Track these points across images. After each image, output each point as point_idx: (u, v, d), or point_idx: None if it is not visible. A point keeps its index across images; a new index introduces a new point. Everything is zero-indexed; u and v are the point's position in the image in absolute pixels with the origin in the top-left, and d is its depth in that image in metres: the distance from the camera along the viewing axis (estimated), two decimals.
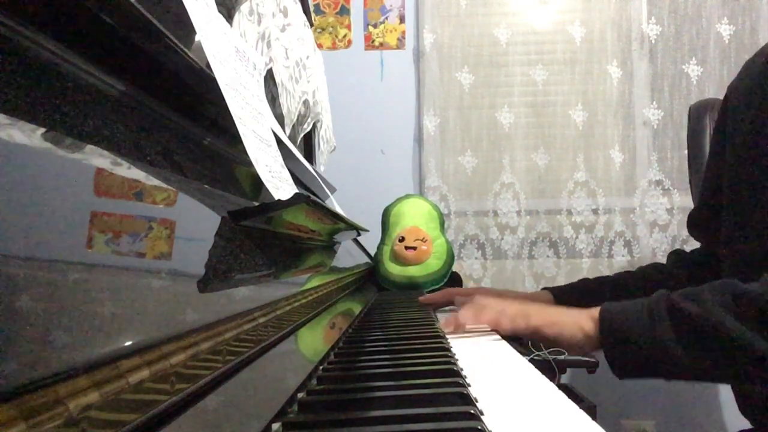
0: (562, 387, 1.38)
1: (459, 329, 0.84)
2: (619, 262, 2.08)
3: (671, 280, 1.10)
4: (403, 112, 2.17)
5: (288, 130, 1.00)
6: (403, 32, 2.17)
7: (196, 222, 0.42)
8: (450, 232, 2.09)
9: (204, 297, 0.35)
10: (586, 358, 1.66)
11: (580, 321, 0.81)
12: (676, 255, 1.17)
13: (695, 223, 1.12)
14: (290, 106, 1.01)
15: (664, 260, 2.14)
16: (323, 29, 2.16)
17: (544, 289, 1.16)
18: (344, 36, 2.17)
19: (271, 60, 0.90)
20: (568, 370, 1.71)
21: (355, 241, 1.57)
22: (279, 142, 0.67)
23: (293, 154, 0.81)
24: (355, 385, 0.49)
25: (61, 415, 0.19)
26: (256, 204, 0.51)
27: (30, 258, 0.22)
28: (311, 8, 1.94)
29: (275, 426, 0.38)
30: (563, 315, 0.84)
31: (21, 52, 0.31)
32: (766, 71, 0.89)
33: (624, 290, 1.10)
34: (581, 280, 1.19)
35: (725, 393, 2.06)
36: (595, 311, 0.81)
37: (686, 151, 1.65)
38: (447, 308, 1.16)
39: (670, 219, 2.09)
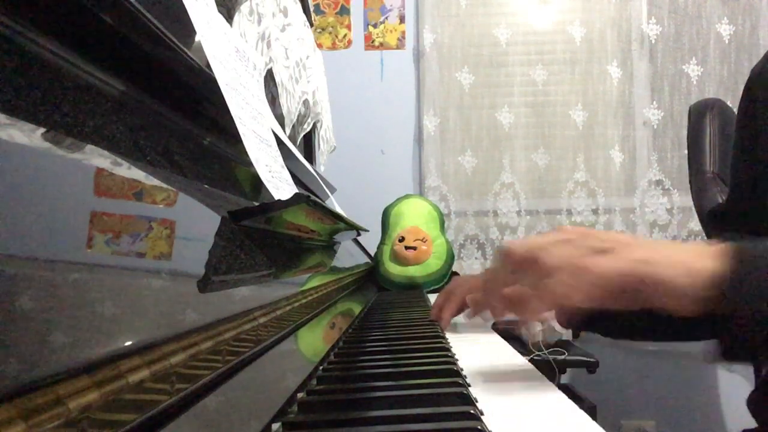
0: (562, 387, 1.38)
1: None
2: None
3: None
4: (403, 112, 2.17)
5: (288, 130, 1.00)
6: (403, 32, 2.17)
7: (196, 222, 0.42)
8: (450, 232, 2.09)
9: (204, 297, 0.35)
10: (586, 358, 1.66)
11: (690, 259, 0.50)
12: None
13: (719, 221, 0.95)
14: (290, 106, 1.01)
15: None
16: (323, 29, 2.16)
17: None
18: (344, 36, 2.17)
19: (271, 60, 0.90)
20: (568, 370, 1.71)
21: (355, 241, 1.57)
22: (279, 142, 0.67)
23: (293, 154, 0.81)
24: (355, 385, 0.49)
25: (61, 415, 0.19)
26: (256, 204, 0.51)
27: (30, 258, 0.22)
28: (311, 8, 1.94)
29: (275, 426, 0.38)
30: (665, 250, 0.51)
31: (21, 52, 0.31)
32: None
33: None
34: None
35: (725, 393, 2.06)
36: (719, 247, 0.50)
37: (686, 151, 1.65)
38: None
39: (670, 219, 2.09)
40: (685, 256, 0.51)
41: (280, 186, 0.55)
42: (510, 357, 0.69)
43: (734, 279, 0.48)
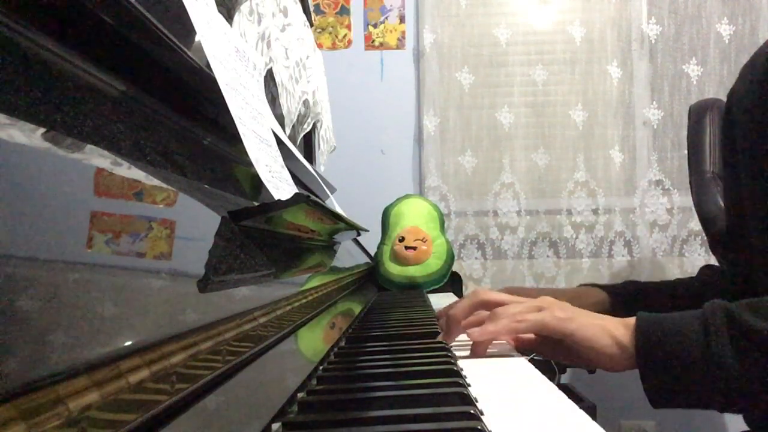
0: (562, 387, 1.38)
1: (480, 350, 0.69)
2: (619, 262, 2.09)
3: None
4: (403, 112, 2.17)
5: (288, 130, 1.00)
6: (403, 32, 2.17)
7: (196, 222, 0.42)
8: (450, 232, 2.09)
9: (204, 297, 0.35)
10: None
11: (609, 326, 0.65)
12: (711, 270, 1.04)
13: (721, 245, 1.02)
14: (290, 106, 1.01)
15: (664, 260, 2.13)
16: (323, 29, 2.16)
17: (588, 285, 1.00)
18: (344, 36, 2.17)
19: (271, 60, 0.90)
20: (568, 370, 1.71)
21: (355, 241, 1.57)
22: (279, 142, 0.67)
23: (293, 154, 0.81)
24: (355, 385, 0.49)
25: (61, 415, 0.19)
26: (256, 204, 0.51)
27: (30, 258, 0.22)
28: (311, 8, 1.94)
29: (275, 426, 0.38)
30: (587, 316, 0.67)
31: (21, 52, 0.31)
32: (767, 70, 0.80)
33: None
34: (630, 281, 1.02)
35: None
36: (630, 320, 0.65)
37: (686, 151, 1.66)
38: None
39: (670, 219, 2.09)
40: (604, 322, 0.66)
41: (280, 186, 0.55)
42: (510, 357, 0.69)
43: (637, 345, 0.62)
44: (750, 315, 0.59)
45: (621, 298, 0.95)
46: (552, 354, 0.73)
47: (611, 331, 0.65)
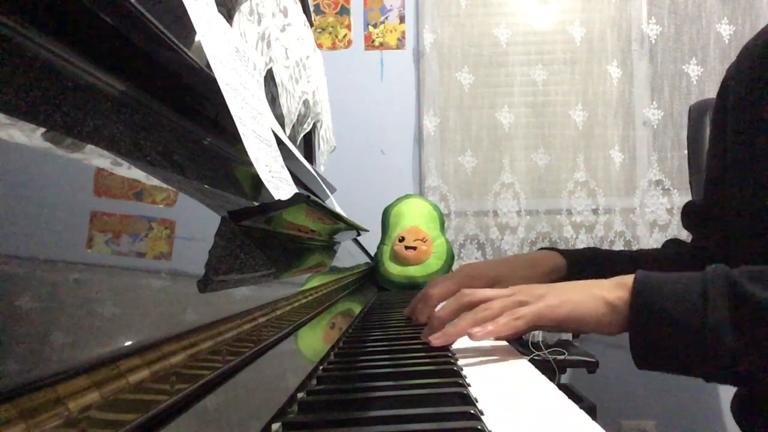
0: (562, 387, 1.37)
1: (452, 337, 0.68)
2: None
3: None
4: (403, 112, 2.17)
5: (288, 130, 1.00)
6: (403, 32, 2.17)
7: (196, 222, 0.42)
8: (450, 232, 2.09)
9: (204, 297, 0.35)
10: (586, 358, 1.66)
11: (603, 291, 0.65)
12: (676, 244, 1.04)
13: (694, 216, 0.99)
14: (290, 106, 1.01)
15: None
16: (323, 29, 2.16)
17: (546, 249, 0.96)
18: (344, 36, 2.17)
19: (271, 60, 0.90)
20: (568, 370, 1.71)
21: (355, 241, 1.57)
22: (279, 142, 0.67)
23: (293, 154, 0.81)
24: (355, 385, 0.49)
25: (61, 415, 0.19)
26: (256, 204, 0.51)
27: (30, 258, 0.22)
28: (311, 8, 1.94)
29: (275, 426, 0.38)
30: (577, 291, 0.66)
31: (21, 52, 0.31)
32: (767, 52, 0.78)
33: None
34: (590, 248, 1.00)
35: (725, 393, 2.06)
36: (627, 278, 0.64)
37: (686, 151, 1.66)
38: None
39: (670, 219, 2.09)
40: (595, 291, 0.65)
41: (280, 186, 0.55)
42: (510, 357, 0.69)
43: (633, 305, 0.61)
44: (752, 284, 0.57)
45: (578, 264, 0.93)
46: (548, 328, 0.71)
47: (605, 296, 0.64)
